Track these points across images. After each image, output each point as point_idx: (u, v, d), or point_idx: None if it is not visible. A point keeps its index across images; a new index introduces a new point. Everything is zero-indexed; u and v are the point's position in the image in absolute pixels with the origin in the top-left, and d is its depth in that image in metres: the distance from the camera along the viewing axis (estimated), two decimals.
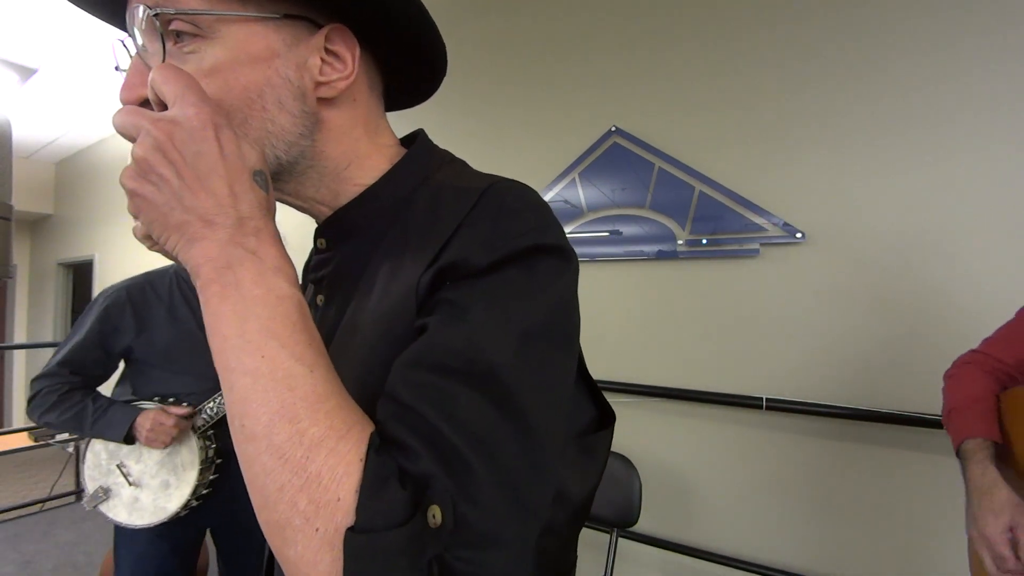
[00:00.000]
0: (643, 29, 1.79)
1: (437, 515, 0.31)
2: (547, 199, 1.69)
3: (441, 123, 2.16)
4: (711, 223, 1.61)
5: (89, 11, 0.46)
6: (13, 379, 6.17)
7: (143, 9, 0.38)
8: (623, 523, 1.48)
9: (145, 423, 1.28)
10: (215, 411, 1.35)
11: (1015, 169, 1.24)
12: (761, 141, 1.56)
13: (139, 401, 1.36)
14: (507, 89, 2.11)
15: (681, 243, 1.66)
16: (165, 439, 1.28)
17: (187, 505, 1.31)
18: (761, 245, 1.54)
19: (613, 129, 1.81)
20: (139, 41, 0.40)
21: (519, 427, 0.34)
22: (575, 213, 1.88)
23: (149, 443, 1.28)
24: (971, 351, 1.02)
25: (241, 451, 0.33)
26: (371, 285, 0.44)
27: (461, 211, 0.40)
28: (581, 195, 1.87)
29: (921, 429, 1.31)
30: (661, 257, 1.70)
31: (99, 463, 1.36)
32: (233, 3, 0.39)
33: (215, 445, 1.37)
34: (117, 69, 0.44)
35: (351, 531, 0.30)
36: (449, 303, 0.37)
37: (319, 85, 0.43)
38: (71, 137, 4.85)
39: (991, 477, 0.86)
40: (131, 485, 1.33)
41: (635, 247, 1.74)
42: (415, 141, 0.51)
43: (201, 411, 1.36)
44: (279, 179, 0.46)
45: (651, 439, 1.71)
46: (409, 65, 0.50)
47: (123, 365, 1.44)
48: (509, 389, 0.34)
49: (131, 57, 0.42)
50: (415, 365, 0.35)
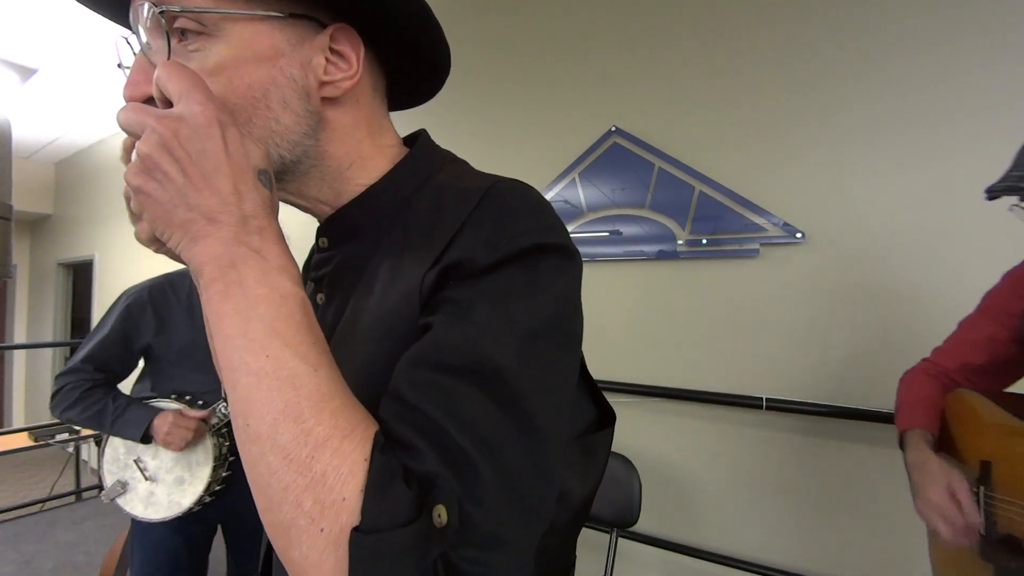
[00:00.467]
0: (643, 29, 1.79)
1: (443, 515, 0.31)
2: (547, 199, 1.69)
3: (441, 123, 2.16)
4: (711, 223, 1.61)
5: (93, 8, 0.46)
6: (13, 379, 6.16)
7: (148, 7, 0.38)
8: (623, 523, 1.48)
9: (163, 426, 1.31)
10: (229, 408, 1.36)
11: None
12: (761, 141, 1.56)
13: (157, 399, 1.40)
14: (507, 89, 2.11)
15: (681, 243, 1.66)
16: (181, 442, 1.32)
17: (200, 501, 1.34)
18: (761, 245, 1.54)
19: (613, 129, 1.81)
20: (143, 39, 0.40)
21: (524, 427, 0.34)
22: (575, 213, 1.88)
23: (166, 445, 1.32)
24: (923, 359, 1.11)
25: (245, 451, 0.33)
26: (372, 284, 0.44)
27: (464, 211, 0.40)
28: (581, 195, 1.88)
29: None
30: (661, 257, 1.70)
31: (117, 457, 1.40)
32: (238, 1, 0.39)
33: (228, 443, 1.41)
34: (120, 67, 0.44)
35: (356, 531, 0.30)
36: (453, 302, 0.37)
37: (323, 85, 0.43)
38: (71, 137, 4.85)
39: (923, 455, 0.93)
40: (147, 480, 1.37)
41: (635, 247, 1.75)
42: (417, 141, 0.51)
43: (216, 410, 1.39)
44: (282, 178, 0.46)
45: (651, 439, 1.71)
46: (412, 65, 0.50)
47: (143, 363, 1.48)
48: (514, 389, 0.34)
49: (134, 54, 0.42)
50: (419, 364, 0.35)
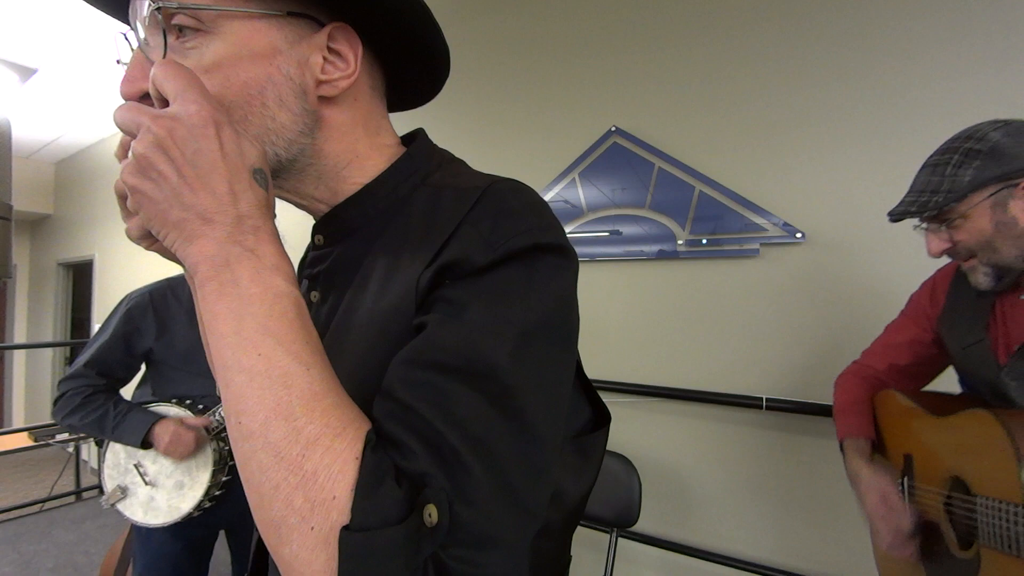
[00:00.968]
0: (643, 29, 1.79)
1: (433, 514, 0.31)
2: (547, 199, 1.69)
3: (441, 123, 2.16)
4: (711, 223, 1.61)
5: (94, 4, 0.46)
6: (13, 379, 6.17)
7: (147, 3, 0.38)
8: (623, 523, 1.48)
9: (164, 436, 1.31)
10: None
11: None
12: (761, 141, 1.56)
13: (158, 403, 1.40)
14: (507, 89, 2.11)
15: (681, 243, 1.66)
16: (184, 452, 1.32)
17: (200, 506, 1.34)
18: (761, 245, 1.54)
19: (613, 129, 1.81)
20: (141, 35, 0.41)
21: (517, 427, 0.34)
22: (575, 213, 1.88)
23: (168, 454, 1.32)
24: (853, 362, 1.19)
25: (237, 449, 0.33)
26: (367, 282, 0.44)
27: (461, 210, 0.40)
28: (581, 195, 1.87)
29: None
30: (661, 257, 1.70)
31: (118, 462, 1.40)
32: None
33: (228, 447, 1.39)
34: (118, 63, 0.44)
35: (346, 529, 0.30)
36: (448, 301, 0.37)
37: (321, 83, 0.43)
38: (71, 137, 4.85)
39: (857, 465, 1.02)
40: (147, 485, 1.37)
41: (635, 247, 1.74)
42: (415, 140, 0.51)
43: (215, 414, 1.38)
44: (278, 176, 0.45)
45: (651, 439, 1.71)
46: (411, 65, 0.50)
47: (144, 367, 1.49)
48: (507, 388, 0.34)
49: (132, 50, 0.42)
50: (413, 363, 0.35)
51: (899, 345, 1.11)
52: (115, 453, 1.40)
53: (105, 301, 4.67)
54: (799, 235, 1.48)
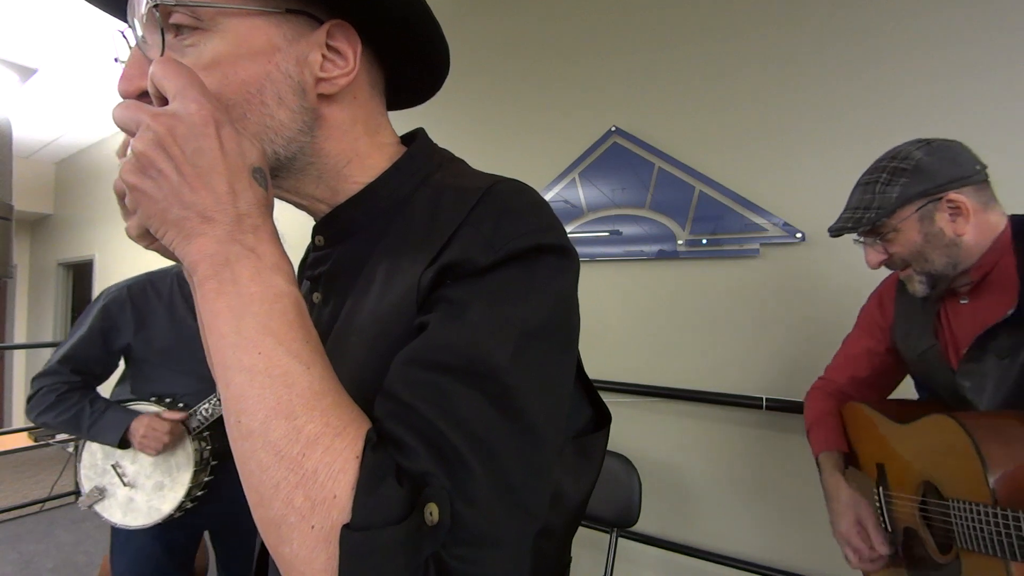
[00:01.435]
0: (643, 29, 1.79)
1: (434, 513, 0.31)
2: (547, 199, 1.69)
3: (441, 122, 2.16)
4: (711, 223, 1.61)
5: (92, 2, 0.46)
6: (13, 379, 6.17)
7: (145, 2, 0.38)
8: (623, 523, 1.48)
9: (139, 428, 1.27)
10: (211, 412, 1.34)
11: (1014, 169, 1.24)
12: (761, 141, 1.56)
13: (137, 401, 1.35)
14: (507, 88, 2.11)
15: (681, 243, 1.66)
16: (158, 446, 1.28)
17: (181, 507, 1.31)
18: (761, 245, 1.54)
19: (613, 129, 1.81)
20: (139, 33, 0.40)
21: (517, 426, 0.34)
22: (575, 213, 1.88)
23: (142, 448, 1.28)
24: (819, 378, 1.22)
25: (237, 448, 0.33)
26: (369, 283, 0.44)
27: (462, 210, 0.40)
28: (581, 195, 1.87)
29: None
30: (661, 257, 1.70)
31: (95, 463, 1.36)
32: None
33: (210, 447, 1.37)
34: (117, 60, 0.44)
35: (347, 528, 0.30)
36: (449, 301, 0.37)
37: (320, 81, 0.43)
38: (71, 137, 4.85)
39: (834, 482, 1.03)
40: (126, 486, 1.33)
41: (635, 247, 1.74)
42: (415, 140, 0.51)
43: (196, 412, 1.35)
44: (278, 175, 0.45)
45: (651, 439, 1.71)
46: (411, 63, 0.50)
47: (122, 365, 1.44)
48: (508, 388, 0.34)
49: (131, 49, 0.42)
50: (414, 362, 0.35)
51: (856, 357, 1.15)
52: (92, 453, 1.36)
53: None
54: (799, 235, 1.48)
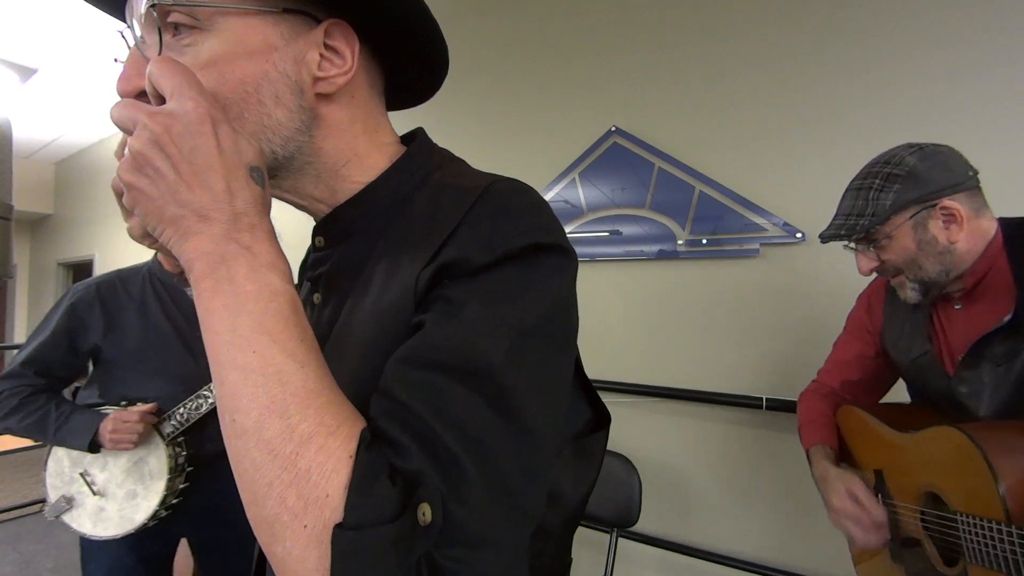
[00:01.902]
0: (643, 29, 1.79)
1: (427, 513, 0.31)
2: (547, 199, 1.69)
3: (441, 122, 2.16)
4: (711, 223, 1.61)
5: (92, 2, 0.46)
6: None
7: (144, 1, 0.38)
8: (623, 523, 1.48)
9: (107, 425, 1.21)
10: (186, 417, 1.29)
11: (1014, 169, 1.24)
12: (761, 141, 1.56)
13: (105, 406, 1.28)
14: (507, 88, 2.11)
15: (681, 243, 1.66)
16: (132, 438, 1.21)
17: (155, 516, 1.25)
18: (761, 245, 1.54)
19: (613, 129, 1.81)
20: (138, 33, 0.41)
21: (512, 426, 0.34)
22: (575, 213, 1.88)
23: (114, 445, 1.21)
24: (813, 381, 1.21)
25: (231, 446, 0.33)
26: (368, 283, 0.44)
27: (461, 210, 0.40)
28: (581, 195, 1.87)
29: None
30: (661, 257, 1.70)
31: (61, 471, 1.28)
32: None
33: (185, 452, 1.31)
34: (116, 61, 0.44)
35: (339, 527, 0.30)
36: (446, 300, 0.37)
37: (317, 80, 0.43)
38: (71, 137, 4.85)
39: (823, 467, 1.02)
40: (96, 495, 1.26)
41: (635, 247, 1.74)
42: (414, 139, 0.51)
43: (171, 416, 1.29)
44: (276, 175, 0.45)
45: (651, 439, 1.71)
46: (410, 63, 0.50)
47: (90, 367, 1.37)
48: (503, 387, 0.34)
49: (129, 49, 0.42)
50: (409, 361, 0.35)
51: (847, 362, 1.14)
52: (58, 461, 1.28)
53: None
54: (799, 235, 1.48)
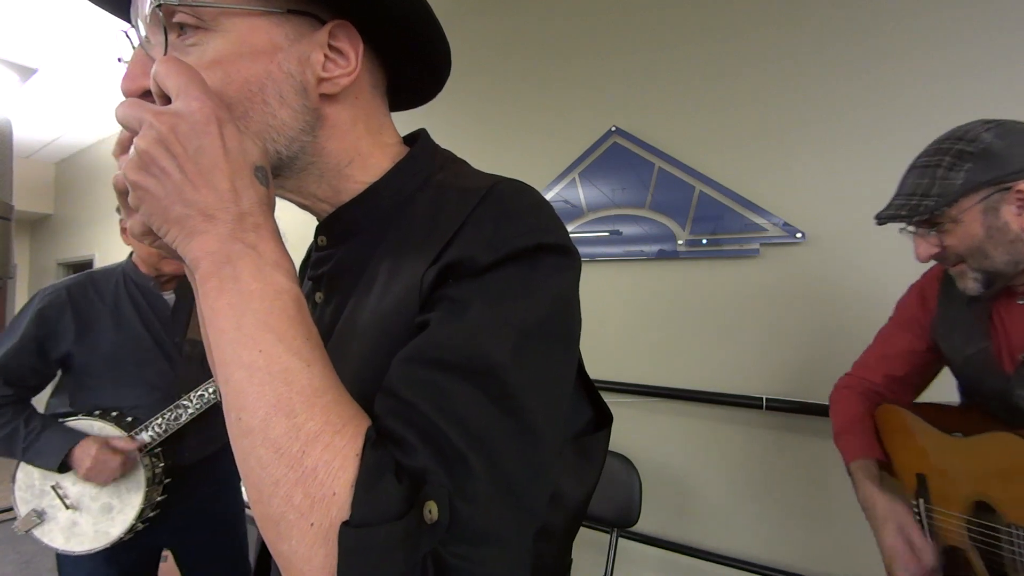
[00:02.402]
0: (643, 29, 1.79)
1: (433, 511, 0.31)
2: (547, 199, 1.69)
3: (441, 122, 2.16)
4: (711, 223, 1.61)
5: (95, 2, 0.46)
6: None
7: (149, 1, 0.39)
8: (623, 523, 1.48)
9: (85, 460, 1.15)
10: (164, 428, 1.25)
11: None
12: (761, 141, 1.56)
13: (78, 417, 1.22)
14: (507, 88, 2.11)
15: (681, 243, 1.66)
16: (106, 480, 1.16)
17: (132, 529, 1.21)
18: (761, 245, 1.54)
19: (613, 129, 1.81)
20: (142, 32, 0.41)
21: (517, 424, 0.34)
22: (575, 213, 1.88)
23: (88, 480, 1.17)
24: (846, 375, 1.13)
25: (237, 445, 0.33)
26: (371, 283, 0.44)
27: (464, 210, 0.40)
28: (581, 195, 1.87)
29: None
30: (661, 257, 1.70)
31: (31, 483, 1.22)
32: None
33: (163, 464, 1.27)
34: (120, 60, 0.44)
35: (346, 525, 0.30)
36: (450, 300, 0.37)
37: (321, 81, 0.43)
38: (71, 137, 4.85)
39: (870, 494, 0.95)
40: (68, 508, 1.20)
41: (635, 247, 1.74)
42: (417, 140, 0.51)
43: (148, 427, 1.24)
44: (280, 175, 0.45)
45: (651, 439, 1.71)
46: (412, 64, 0.50)
47: (60, 374, 1.30)
48: (508, 386, 0.34)
49: (134, 48, 0.42)
50: (414, 360, 0.35)
51: (894, 356, 1.06)
52: (27, 473, 1.21)
53: None
54: (799, 235, 1.48)
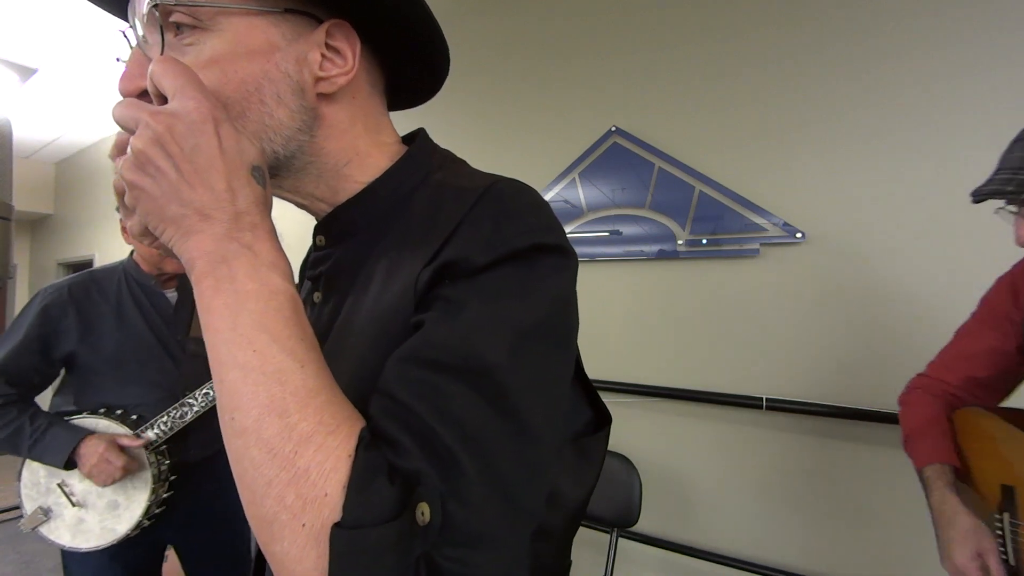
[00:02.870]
0: (643, 29, 1.79)
1: (426, 513, 0.30)
2: (547, 199, 1.69)
3: (441, 122, 2.16)
4: (711, 223, 1.61)
5: (94, 2, 0.46)
6: None
7: (146, 1, 0.38)
8: (623, 523, 1.48)
9: (90, 457, 1.16)
10: (169, 425, 1.26)
11: None
12: (761, 141, 1.56)
13: (82, 415, 1.24)
14: (507, 88, 2.11)
15: (681, 243, 1.66)
16: (108, 480, 1.17)
17: (138, 526, 1.22)
18: (761, 245, 1.54)
19: (613, 129, 1.81)
20: (140, 32, 0.41)
21: (512, 426, 0.34)
22: (575, 213, 1.88)
23: (91, 478, 1.17)
24: (919, 375, 1.05)
25: (230, 445, 0.33)
26: (369, 283, 0.44)
27: (461, 210, 0.40)
28: (581, 195, 1.87)
29: None
30: (661, 257, 1.70)
31: (37, 481, 1.23)
32: None
33: (168, 461, 1.28)
34: (119, 60, 0.44)
35: (337, 527, 0.30)
36: (446, 300, 0.37)
37: (319, 80, 0.43)
38: (71, 137, 4.85)
39: (951, 505, 0.86)
40: (75, 505, 1.22)
41: (635, 247, 1.74)
42: (415, 140, 0.51)
43: (154, 425, 1.25)
44: (278, 175, 0.45)
45: (651, 439, 1.71)
46: (411, 63, 0.50)
47: (63, 372, 1.31)
48: (503, 387, 0.34)
49: (131, 48, 0.42)
50: (409, 360, 0.35)
51: (976, 355, 0.97)
52: (33, 471, 1.23)
53: None
54: (799, 235, 1.48)
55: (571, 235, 1.83)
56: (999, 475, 0.85)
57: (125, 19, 0.45)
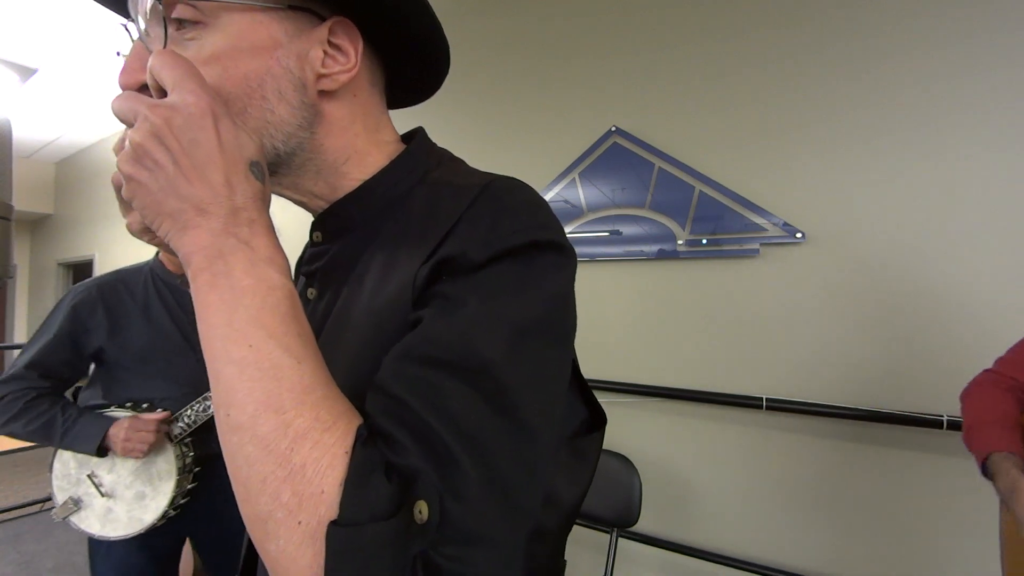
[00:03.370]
0: (643, 29, 1.79)
1: (423, 510, 0.30)
2: (547, 199, 1.69)
3: (441, 122, 2.16)
4: (711, 223, 1.61)
5: None
6: None
7: None
8: (623, 523, 1.48)
9: (120, 432, 1.21)
10: (193, 419, 1.29)
11: (1013, 169, 1.24)
12: (761, 141, 1.56)
13: (110, 408, 1.29)
14: (507, 88, 2.11)
15: (681, 243, 1.66)
16: (143, 447, 1.22)
17: (164, 516, 1.26)
18: (761, 245, 1.54)
19: (613, 129, 1.81)
20: (142, 26, 0.41)
21: (510, 423, 0.34)
22: (575, 213, 1.88)
23: (126, 453, 1.22)
24: (986, 370, 1.03)
25: (225, 442, 0.33)
26: (364, 279, 0.44)
27: (459, 207, 0.40)
28: (581, 195, 1.87)
29: (921, 429, 1.30)
30: (661, 257, 1.70)
31: (68, 472, 1.28)
32: None
33: (193, 453, 1.32)
34: (119, 55, 0.44)
35: (334, 524, 0.29)
36: (444, 297, 0.37)
37: (320, 77, 0.43)
38: (71, 137, 4.85)
39: (1014, 476, 0.86)
40: (103, 496, 1.27)
41: (635, 247, 1.74)
42: (414, 138, 0.51)
43: (179, 418, 1.29)
44: (277, 171, 0.45)
45: (651, 439, 1.71)
46: (411, 62, 0.50)
47: (92, 368, 1.36)
48: (501, 384, 0.34)
49: (132, 42, 0.42)
50: (406, 358, 0.35)
51: None
52: (64, 463, 1.28)
53: None
54: (799, 235, 1.48)
55: (571, 235, 1.83)
56: None
57: (126, 16, 0.45)
